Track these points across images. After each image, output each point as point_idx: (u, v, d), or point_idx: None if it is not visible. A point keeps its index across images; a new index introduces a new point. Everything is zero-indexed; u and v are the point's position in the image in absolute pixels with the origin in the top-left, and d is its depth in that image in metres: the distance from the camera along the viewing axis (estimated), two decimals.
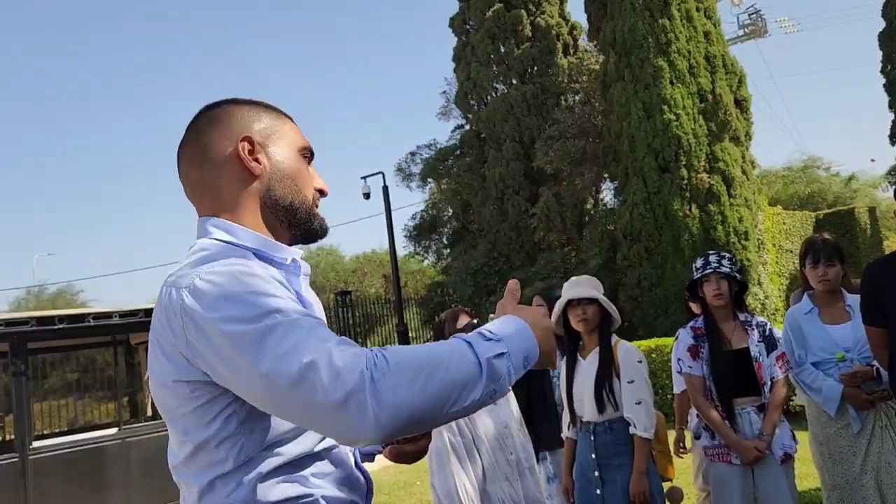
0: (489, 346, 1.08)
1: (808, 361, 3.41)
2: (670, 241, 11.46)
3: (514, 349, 1.10)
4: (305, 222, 1.33)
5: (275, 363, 1.01)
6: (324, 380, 0.98)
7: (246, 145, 1.29)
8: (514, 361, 1.10)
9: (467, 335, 1.10)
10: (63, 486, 6.70)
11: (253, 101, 1.37)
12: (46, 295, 30.94)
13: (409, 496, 6.83)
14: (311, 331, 1.04)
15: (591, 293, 3.34)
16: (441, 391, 1.01)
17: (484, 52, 15.85)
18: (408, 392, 0.98)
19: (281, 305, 1.06)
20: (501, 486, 2.66)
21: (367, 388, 0.97)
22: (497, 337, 1.10)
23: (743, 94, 12.69)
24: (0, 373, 7.77)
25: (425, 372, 1.00)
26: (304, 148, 1.37)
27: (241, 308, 1.05)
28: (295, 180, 1.32)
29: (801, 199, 25.14)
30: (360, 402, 0.97)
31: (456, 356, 1.04)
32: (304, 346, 1.01)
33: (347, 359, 0.99)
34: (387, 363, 0.99)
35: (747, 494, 3.25)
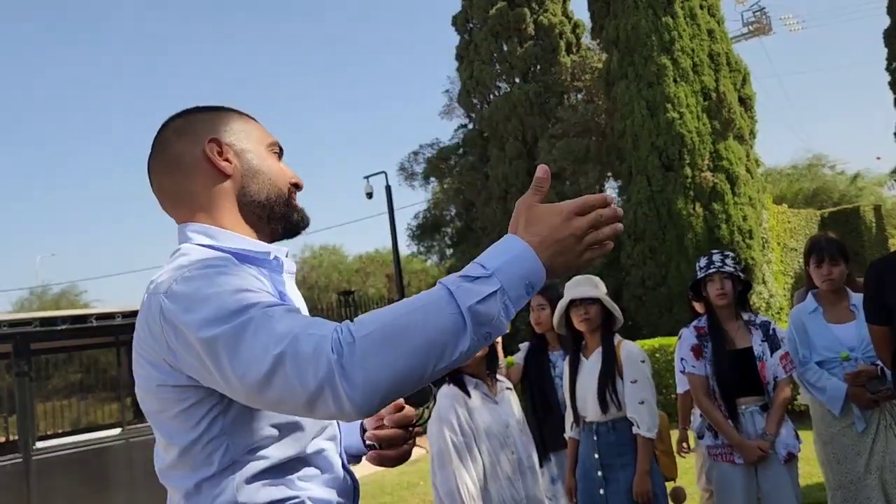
0: (474, 288, 0.98)
1: (813, 360, 3.40)
2: (674, 239, 11.43)
3: (510, 280, 1.00)
4: (284, 215, 1.34)
5: (248, 363, 1.00)
6: (294, 372, 0.96)
7: (214, 146, 1.30)
8: (511, 294, 1.00)
9: (450, 277, 1.01)
10: (67, 486, 6.71)
11: (214, 107, 1.38)
12: (49, 296, 31.04)
13: (412, 496, 6.82)
14: (280, 320, 1.01)
15: (594, 293, 3.33)
16: (417, 356, 0.95)
17: (487, 50, 15.83)
18: (379, 367, 0.94)
19: (253, 299, 1.05)
20: (503, 486, 2.64)
21: (335, 373, 0.94)
22: (487, 272, 0.99)
23: (747, 92, 12.65)
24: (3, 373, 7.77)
25: (395, 340, 0.95)
26: (272, 143, 1.37)
27: (214, 309, 1.05)
28: (268, 175, 1.33)
29: (806, 197, 25.09)
30: (332, 388, 0.94)
31: (432, 311, 0.97)
32: (273, 339, 0.99)
33: (313, 345, 0.96)
34: (353, 340, 0.95)
35: (751, 494, 3.23)
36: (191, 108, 1.37)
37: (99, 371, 8.88)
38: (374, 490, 7.01)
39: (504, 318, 1.00)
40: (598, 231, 1.08)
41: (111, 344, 7.98)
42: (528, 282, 1.02)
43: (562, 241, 1.05)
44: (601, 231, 1.08)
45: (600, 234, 1.08)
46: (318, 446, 1.24)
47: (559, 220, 1.06)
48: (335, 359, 0.94)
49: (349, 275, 29.81)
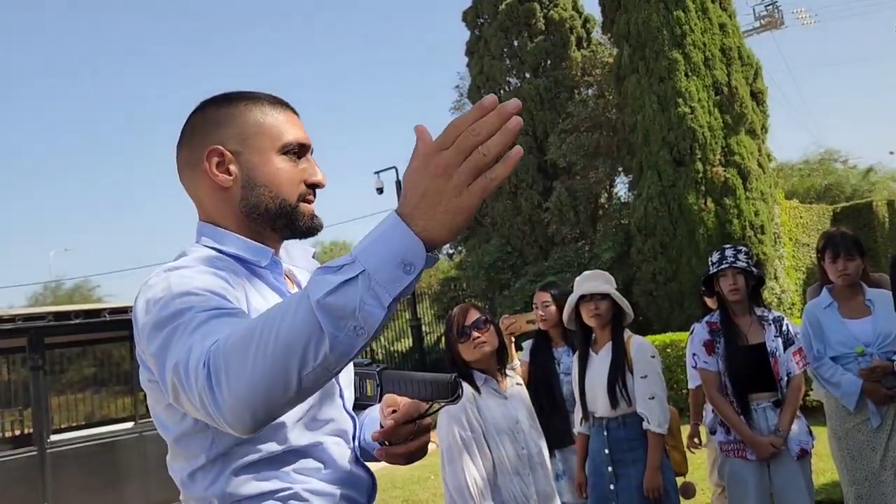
0: (328, 279, 0.85)
1: (827, 356, 3.38)
2: (685, 235, 11.37)
3: (377, 262, 0.84)
4: (287, 225, 1.30)
5: (166, 371, 1.02)
6: (183, 382, 0.96)
7: (214, 159, 1.27)
8: (380, 277, 0.84)
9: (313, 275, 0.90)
10: (81, 478, 6.78)
11: (235, 98, 1.32)
12: (63, 290, 31.26)
13: (423, 490, 6.84)
14: (196, 329, 1.00)
15: (604, 288, 3.32)
16: (274, 363, 0.86)
17: (497, 45, 15.78)
18: (237, 376, 0.87)
19: (189, 303, 1.05)
20: (512, 481, 2.65)
21: (205, 385, 0.90)
22: (350, 259, 0.86)
23: (759, 86, 12.56)
24: (18, 367, 7.85)
25: (249, 348, 0.87)
26: (286, 144, 1.29)
27: (155, 317, 1.08)
28: (269, 186, 1.27)
29: (819, 192, 24.91)
30: (209, 401, 0.91)
31: (287, 313, 0.87)
32: (179, 349, 0.99)
33: (196, 357, 0.94)
34: (220, 351, 0.90)
35: (763, 490, 3.22)
36: (212, 99, 1.34)
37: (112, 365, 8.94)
38: (385, 484, 7.04)
39: (373, 306, 0.84)
40: (479, 151, 0.84)
41: (124, 338, 8.03)
42: (402, 259, 0.85)
43: (425, 191, 0.84)
44: (485, 146, 0.84)
45: (480, 152, 0.84)
46: (315, 439, 1.24)
47: (416, 166, 0.86)
48: (204, 373, 0.91)
49: None
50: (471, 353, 2.76)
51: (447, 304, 16.01)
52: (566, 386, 3.56)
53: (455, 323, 2.79)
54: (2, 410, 8.09)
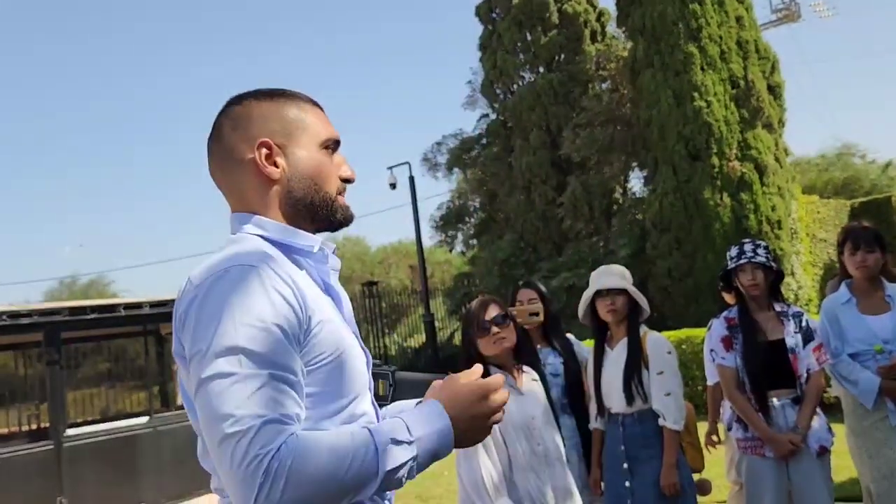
0: (398, 453, 1.12)
1: (845, 352, 3.33)
2: (701, 230, 11.29)
3: (425, 451, 1.15)
4: (326, 217, 1.36)
5: (215, 408, 1.08)
6: (237, 455, 1.04)
7: (263, 151, 1.31)
8: (419, 462, 1.15)
9: (382, 433, 1.12)
10: (96, 473, 6.82)
11: (275, 94, 1.36)
12: (78, 286, 31.61)
13: (436, 486, 6.84)
14: (258, 391, 1.08)
15: (621, 283, 3.29)
16: (328, 499, 1.07)
17: (510, 40, 15.71)
18: (294, 501, 1.04)
19: (253, 345, 1.10)
20: (528, 477, 2.62)
21: (257, 481, 1.02)
22: (411, 439, 1.14)
23: (776, 80, 12.44)
24: (34, 362, 7.92)
25: (319, 485, 1.06)
26: (326, 140, 1.36)
27: (213, 332, 1.11)
28: (314, 179, 1.33)
29: (836, 186, 24.67)
30: (247, 491, 1.03)
31: (356, 465, 1.08)
32: (244, 407, 1.06)
33: (260, 446, 1.04)
34: (286, 469, 1.03)
35: (781, 488, 3.18)
36: (250, 94, 1.37)
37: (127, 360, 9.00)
38: None
39: (403, 481, 1.15)
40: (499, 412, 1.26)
41: (139, 333, 8.07)
42: (436, 454, 1.18)
43: (473, 418, 1.23)
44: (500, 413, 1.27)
45: (499, 414, 1.27)
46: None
47: (476, 400, 1.23)
48: (261, 481, 1.02)
49: (372, 266, 29.92)
50: (490, 348, 2.74)
51: (460, 300, 16.02)
52: (554, 389, 3.40)
53: (475, 317, 2.77)
54: (18, 405, 8.16)
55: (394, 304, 18.26)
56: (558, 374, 3.48)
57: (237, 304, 1.12)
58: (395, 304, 18.34)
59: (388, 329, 17.77)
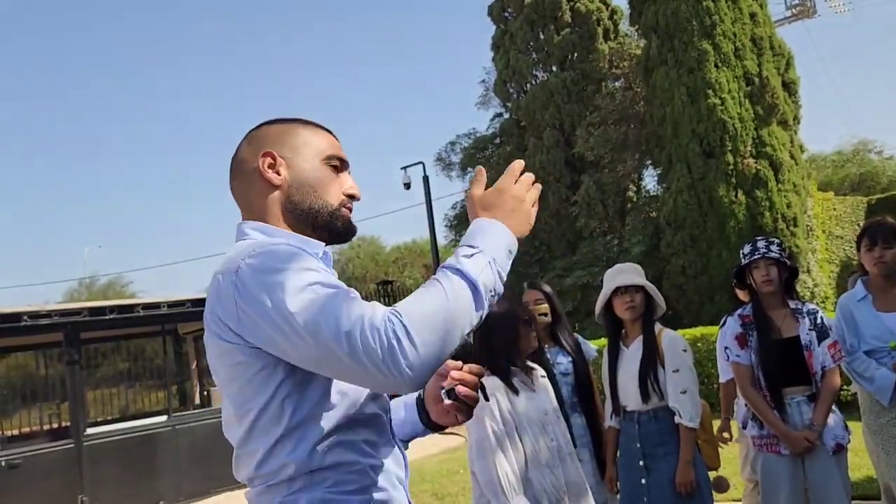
0: (476, 261, 1.20)
1: (861, 350, 3.31)
2: (716, 228, 11.24)
3: (496, 250, 1.24)
4: (327, 224, 1.43)
5: (319, 330, 1.13)
6: (363, 345, 1.10)
7: (267, 160, 1.42)
8: (499, 261, 1.23)
9: (452, 261, 1.21)
10: (116, 470, 6.91)
11: (290, 120, 1.49)
12: (97, 286, 31.88)
13: (451, 484, 6.86)
14: (346, 300, 1.16)
15: (638, 280, 3.30)
16: (453, 329, 1.15)
17: (523, 39, 15.71)
18: (430, 343, 1.12)
19: (320, 278, 1.19)
20: (543, 473, 2.64)
21: (395, 345, 1.10)
22: (477, 248, 1.23)
23: (791, 76, 12.36)
24: (55, 362, 8.01)
25: (438, 321, 1.13)
26: (330, 157, 1.45)
27: (285, 281, 1.18)
28: (314, 187, 1.42)
29: (853, 183, 24.43)
30: (395, 358, 1.10)
31: (454, 291, 1.16)
32: (344, 314, 1.13)
33: (378, 325, 1.11)
34: (408, 320, 1.12)
35: (797, 485, 3.17)
36: (271, 120, 1.50)
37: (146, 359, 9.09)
38: (414, 477, 7.07)
39: (501, 280, 1.23)
40: (533, 188, 1.35)
41: (157, 333, 8.16)
42: (508, 249, 1.27)
43: (513, 208, 1.32)
44: (534, 188, 1.35)
45: (534, 190, 1.35)
46: (375, 411, 1.35)
47: (503, 194, 1.33)
48: (394, 337, 1.10)
49: (386, 265, 29.95)
50: (529, 343, 2.80)
51: None
52: (564, 388, 3.42)
53: (519, 314, 2.81)
54: (39, 404, 8.27)
55: None
56: (568, 374, 3.49)
57: (294, 262, 1.21)
58: None
59: None
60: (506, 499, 2.48)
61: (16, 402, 8.06)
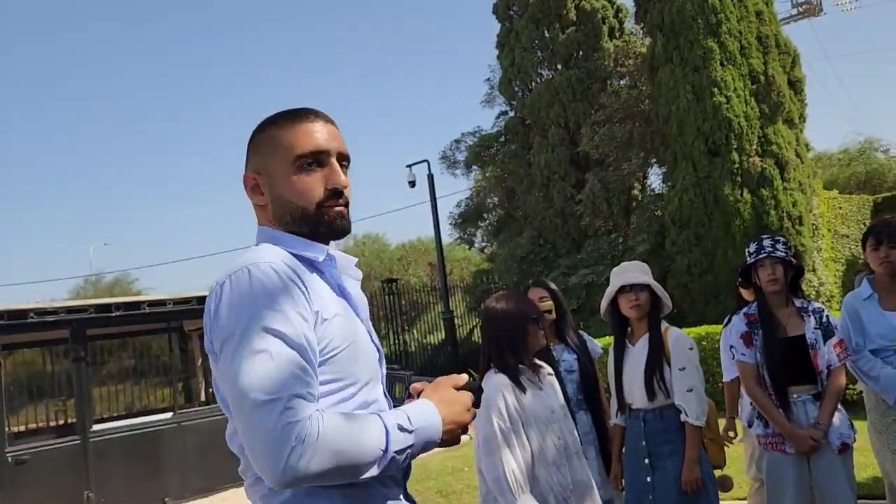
0: (402, 438, 1.28)
1: (867, 349, 3.31)
2: (721, 226, 11.22)
3: (420, 441, 1.31)
4: (311, 230, 1.43)
5: (248, 380, 1.19)
6: (269, 422, 1.16)
7: (250, 183, 1.47)
8: (414, 451, 1.31)
9: (391, 421, 1.28)
10: (122, 467, 6.94)
11: (263, 125, 1.48)
12: (103, 283, 31.96)
13: (456, 482, 6.87)
14: (287, 368, 1.20)
15: (644, 279, 3.30)
16: (345, 469, 1.21)
17: (528, 37, 15.68)
18: (319, 465, 1.18)
19: (278, 326, 1.23)
20: (550, 472, 2.64)
21: (292, 450, 1.15)
22: (412, 428, 1.30)
23: (797, 74, 12.31)
24: (61, 358, 8.05)
25: (339, 455, 1.20)
26: (300, 156, 1.42)
27: (242, 319, 1.23)
28: (289, 197, 1.42)
29: (859, 182, 24.33)
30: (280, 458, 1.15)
31: (371, 447, 1.24)
32: (276, 379, 1.18)
33: (291, 414, 1.17)
34: (316, 438, 1.17)
35: (803, 484, 3.17)
36: (258, 126, 1.50)
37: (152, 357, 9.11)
38: (420, 475, 7.08)
39: (400, 464, 1.31)
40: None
41: (163, 330, 8.18)
42: (427, 447, 1.34)
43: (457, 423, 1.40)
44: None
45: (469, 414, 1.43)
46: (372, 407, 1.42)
47: (463, 405, 1.42)
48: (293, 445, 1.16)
49: (391, 263, 29.95)
50: (538, 341, 2.81)
51: (479, 297, 16.01)
52: (570, 385, 3.43)
53: (530, 312, 2.82)
54: (46, 401, 8.30)
55: (413, 302, 18.29)
56: (573, 371, 3.50)
57: (262, 294, 1.24)
58: (415, 301, 18.36)
59: (408, 326, 17.81)
60: (512, 497, 2.48)
61: (23, 398, 8.10)
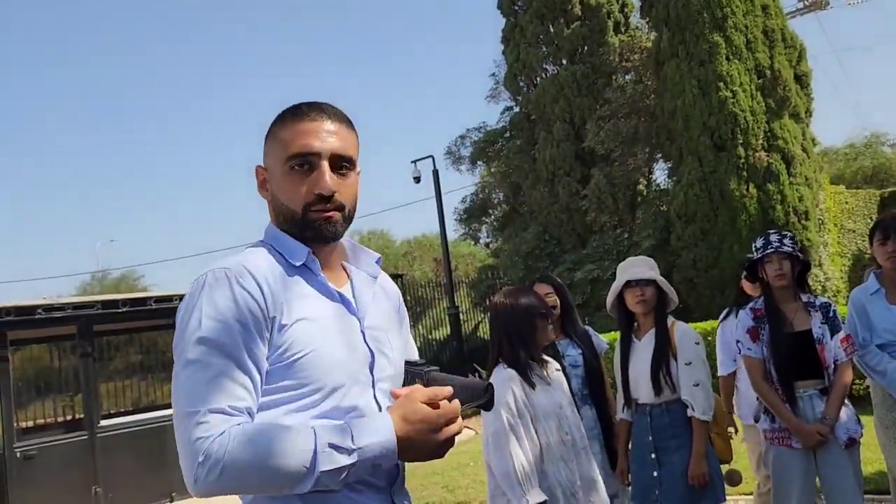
0: (337, 458, 1.18)
1: (873, 343, 3.30)
2: (727, 221, 11.19)
3: (364, 460, 1.20)
4: (299, 232, 1.41)
5: (176, 391, 1.24)
6: (184, 436, 1.20)
7: (259, 177, 1.48)
8: (357, 469, 1.21)
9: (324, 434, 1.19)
10: (129, 462, 6.96)
11: (278, 116, 1.46)
12: (110, 280, 32.07)
13: (462, 477, 6.89)
14: (213, 380, 1.22)
15: (650, 274, 3.30)
16: (262, 485, 1.19)
17: (533, 32, 15.63)
18: (227, 484, 1.18)
19: (213, 336, 1.24)
20: (558, 467, 2.65)
21: (198, 465, 1.17)
22: (353, 447, 1.20)
23: (803, 68, 12.25)
24: (69, 354, 8.08)
25: (252, 472, 1.17)
26: (289, 157, 1.39)
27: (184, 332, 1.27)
28: (280, 199, 1.42)
29: (866, 176, 24.22)
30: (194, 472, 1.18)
31: (294, 459, 1.17)
32: (198, 393, 1.21)
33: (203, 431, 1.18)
34: (223, 456, 1.16)
35: (809, 479, 3.16)
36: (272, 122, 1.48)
37: (158, 352, 9.14)
38: (425, 471, 7.10)
39: (341, 482, 1.21)
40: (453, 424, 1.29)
41: (169, 325, 8.18)
42: (376, 464, 1.23)
43: (426, 445, 1.26)
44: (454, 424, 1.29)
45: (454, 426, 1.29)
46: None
47: (428, 430, 1.26)
48: (200, 461, 1.17)
49: (396, 259, 29.97)
50: (546, 336, 2.81)
51: (484, 293, 16.02)
52: (574, 380, 3.44)
53: (540, 306, 2.83)
54: (54, 396, 8.33)
55: (418, 297, 18.30)
56: (578, 365, 3.51)
57: (206, 302, 1.26)
58: (420, 296, 18.38)
59: (413, 322, 17.82)
60: (521, 491, 2.49)
61: (31, 394, 8.13)
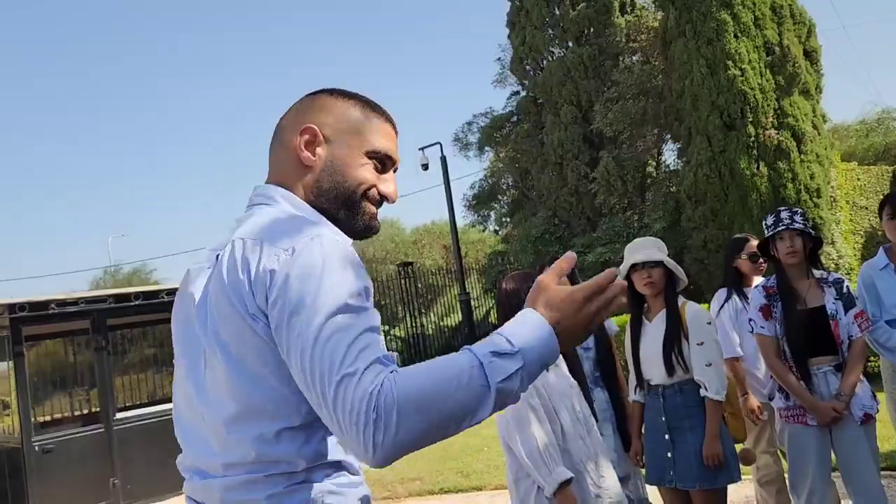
0: (503, 365, 1.08)
1: (883, 319, 3.28)
2: (737, 201, 11.11)
3: (532, 360, 1.10)
4: (348, 218, 1.35)
5: (323, 356, 1.08)
6: (348, 399, 1.05)
7: (305, 136, 1.35)
8: (529, 371, 1.10)
9: (481, 348, 1.10)
10: (146, 454, 7.02)
11: (352, 96, 1.40)
12: (122, 274, 32.34)
13: (477, 461, 6.91)
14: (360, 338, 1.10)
15: (656, 255, 3.27)
16: (444, 423, 1.06)
17: (539, 15, 15.53)
18: (409, 431, 1.04)
19: (355, 302, 1.13)
20: (577, 444, 2.67)
21: (369, 424, 1.03)
22: (514, 349, 1.09)
23: (812, 45, 12.11)
24: (83, 349, 8.14)
25: (429, 409, 1.04)
26: (373, 150, 1.36)
27: (321, 289, 1.12)
28: (346, 176, 1.34)
29: (877, 152, 23.97)
30: (363, 436, 1.03)
31: (464, 384, 1.06)
32: (351, 353, 1.07)
33: (362, 391, 1.04)
34: (393, 401, 1.03)
35: (825, 456, 3.15)
36: (331, 89, 1.41)
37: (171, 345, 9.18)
38: (440, 455, 7.13)
39: (520, 391, 1.11)
40: (605, 310, 1.16)
41: None
42: (545, 362, 1.12)
43: (574, 327, 1.14)
44: (608, 309, 1.16)
45: (606, 312, 1.16)
46: None
47: (574, 308, 1.14)
48: (373, 416, 1.03)
49: (406, 247, 30.00)
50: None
51: (495, 279, 16.02)
52: (586, 363, 3.44)
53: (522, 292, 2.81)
54: (69, 390, 8.40)
55: (429, 285, 18.34)
56: (589, 348, 3.51)
57: (334, 267, 1.15)
58: (431, 284, 18.41)
59: (424, 309, 17.86)
60: (547, 469, 2.52)
61: (47, 388, 8.20)
